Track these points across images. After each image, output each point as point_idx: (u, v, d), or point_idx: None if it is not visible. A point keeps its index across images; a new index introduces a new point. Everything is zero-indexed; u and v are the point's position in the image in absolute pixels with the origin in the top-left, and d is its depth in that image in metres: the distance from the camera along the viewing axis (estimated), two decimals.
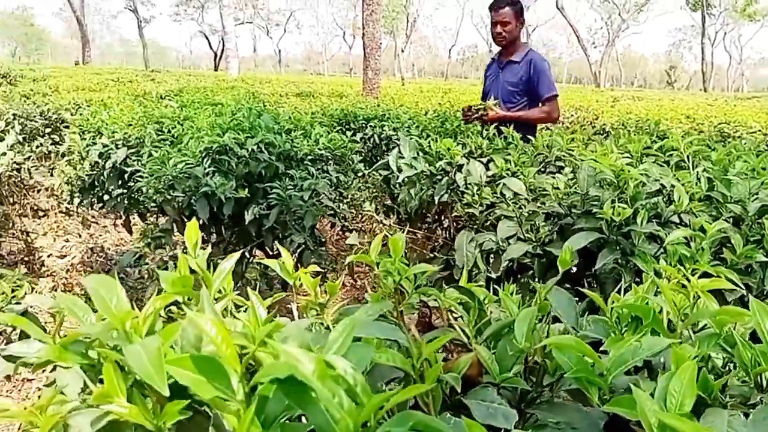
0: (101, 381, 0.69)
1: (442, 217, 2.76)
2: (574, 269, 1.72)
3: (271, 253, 3.36)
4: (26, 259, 4.70)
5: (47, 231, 5.70)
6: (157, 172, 3.03)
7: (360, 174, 3.83)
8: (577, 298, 1.03)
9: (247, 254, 3.40)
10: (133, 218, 4.21)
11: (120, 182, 3.70)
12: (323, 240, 3.67)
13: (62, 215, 6.08)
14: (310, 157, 3.31)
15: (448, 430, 0.48)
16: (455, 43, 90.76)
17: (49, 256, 5.04)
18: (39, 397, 0.82)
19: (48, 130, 6.78)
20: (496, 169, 2.18)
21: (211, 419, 0.57)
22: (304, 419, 0.58)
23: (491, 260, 2.04)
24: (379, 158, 4.23)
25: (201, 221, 3.33)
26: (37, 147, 6.41)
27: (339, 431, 0.44)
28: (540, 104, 3.89)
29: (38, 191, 6.30)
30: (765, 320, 0.76)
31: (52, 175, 6.48)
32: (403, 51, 58.13)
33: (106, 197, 3.84)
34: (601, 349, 0.79)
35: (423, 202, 2.33)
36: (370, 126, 4.75)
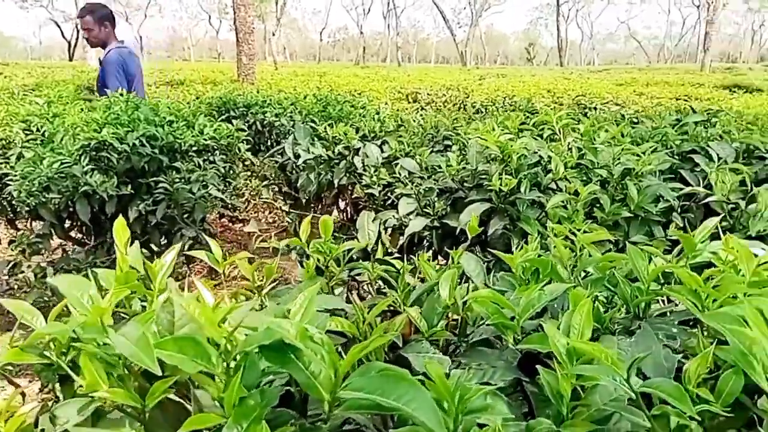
0: (61, 377, 0.70)
1: (339, 200, 2.84)
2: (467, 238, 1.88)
3: (156, 249, 3.26)
4: None
5: None
6: (29, 174, 2.85)
7: (248, 163, 3.80)
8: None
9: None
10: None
11: None
12: (213, 232, 3.63)
13: None
14: (195, 149, 3.25)
15: (404, 371, 0.56)
16: (325, 26, 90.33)
17: None
18: None
19: None
20: (391, 150, 2.29)
21: (189, 398, 0.61)
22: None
23: (389, 236, 2.16)
24: (262, 146, 4.20)
25: (80, 222, 3.16)
26: None
27: (319, 384, 0.52)
28: None
29: None
30: (639, 262, 0.93)
31: None
32: (274, 35, 56.93)
33: None
34: (510, 299, 0.92)
35: (322, 186, 2.40)
36: (251, 113, 4.68)
